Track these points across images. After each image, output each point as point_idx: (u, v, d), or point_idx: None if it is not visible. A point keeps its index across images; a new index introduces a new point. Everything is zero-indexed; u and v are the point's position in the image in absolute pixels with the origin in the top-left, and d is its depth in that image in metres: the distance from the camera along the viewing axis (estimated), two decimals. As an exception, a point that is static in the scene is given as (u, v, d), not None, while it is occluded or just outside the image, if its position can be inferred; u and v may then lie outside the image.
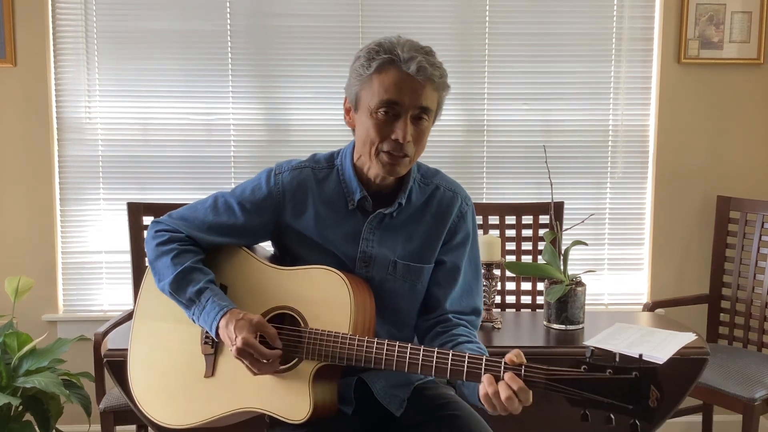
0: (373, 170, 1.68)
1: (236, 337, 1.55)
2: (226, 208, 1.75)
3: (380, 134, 1.62)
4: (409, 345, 1.54)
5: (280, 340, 1.60)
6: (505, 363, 1.43)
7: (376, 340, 1.56)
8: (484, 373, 1.45)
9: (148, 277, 1.83)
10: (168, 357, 1.78)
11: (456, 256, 1.77)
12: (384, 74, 1.61)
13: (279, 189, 1.74)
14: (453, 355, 1.49)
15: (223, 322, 1.60)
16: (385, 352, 1.55)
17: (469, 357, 1.48)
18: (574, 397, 1.36)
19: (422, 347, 1.53)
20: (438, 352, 1.51)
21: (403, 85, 1.59)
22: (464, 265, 1.78)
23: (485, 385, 1.43)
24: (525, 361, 1.43)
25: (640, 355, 1.35)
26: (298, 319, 1.65)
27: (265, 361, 1.57)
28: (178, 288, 1.68)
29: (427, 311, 1.78)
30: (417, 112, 1.62)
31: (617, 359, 1.35)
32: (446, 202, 1.77)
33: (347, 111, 1.73)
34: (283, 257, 1.80)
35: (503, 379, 1.42)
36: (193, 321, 1.69)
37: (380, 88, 1.60)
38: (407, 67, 1.59)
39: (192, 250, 1.73)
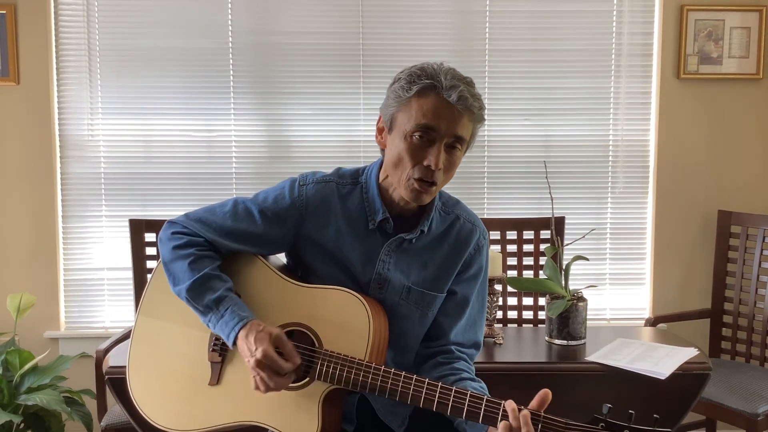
0: (399, 194, 1.65)
1: (256, 348, 1.53)
2: (246, 215, 1.72)
3: (413, 158, 1.59)
4: (426, 380, 1.52)
5: (298, 356, 1.58)
6: (521, 408, 1.41)
7: (392, 370, 1.54)
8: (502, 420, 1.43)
9: (157, 275, 1.79)
10: (171, 359, 1.74)
11: (467, 288, 1.76)
12: (424, 99, 1.58)
13: (302, 200, 1.71)
14: (470, 397, 1.47)
15: (243, 333, 1.58)
16: (401, 384, 1.53)
17: (486, 401, 1.46)
18: None
19: (440, 384, 1.51)
20: (455, 392, 1.49)
21: (441, 112, 1.57)
22: (473, 298, 1.77)
23: (509, 418, 1.41)
24: (545, 406, 1.41)
25: (656, 417, 1.35)
26: (313, 338, 1.63)
27: (280, 376, 1.55)
28: (195, 295, 1.64)
29: (429, 338, 1.75)
30: (452, 140, 1.59)
31: (633, 419, 1.35)
32: (465, 233, 1.75)
33: (380, 131, 1.69)
34: (296, 268, 1.78)
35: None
36: (207, 326, 1.66)
37: (418, 112, 1.57)
38: (448, 95, 1.56)
39: (210, 256, 1.70)
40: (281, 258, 1.85)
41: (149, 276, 1.83)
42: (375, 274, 1.70)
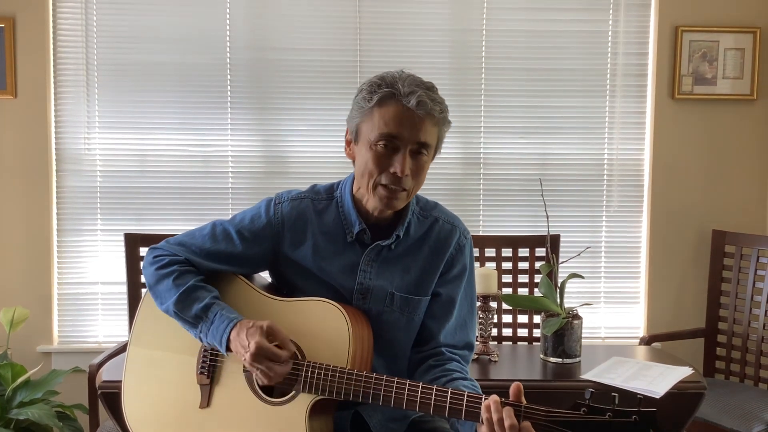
0: (371, 203, 1.68)
1: (249, 343, 1.55)
2: (225, 236, 1.75)
3: (379, 167, 1.62)
4: (408, 382, 1.52)
5: (291, 343, 1.60)
6: (504, 401, 1.42)
7: (374, 375, 1.55)
8: (487, 400, 1.43)
9: (145, 304, 1.82)
10: (162, 386, 1.76)
11: (452, 289, 1.76)
12: (384, 108, 1.61)
13: (278, 219, 1.74)
14: (452, 393, 1.48)
15: (234, 333, 1.60)
16: (383, 388, 1.54)
17: (467, 396, 1.46)
18: None
19: (420, 384, 1.51)
20: (436, 390, 1.49)
21: (402, 119, 1.60)
22: (460, 299, 1.77)
23: (490, 411, 1.40)
24: (525, 401, 1.42)
25: (640, 397, 1.34)
26: (296, 351, 1.64)
27: (279, 364, 1.56)
28: (183, 307, 1.66)
29: (420, 343, 1.76)
30: (416, 147, 1.62)
31: (617, 402, 1.34)
32: (444, 234, 1.76)
33: (348, 143, 1.73)
34: (281, 286, 1.80)
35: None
36: (200, 339, 1.67)
37: (380, 121, 1.61)
38: (407, 101, 1.59)
39: (192, 271, 1.73)
40: (265, 276, 1.87)
41: (141, 298, 1.85)
42: (357, 285, 1.71)
